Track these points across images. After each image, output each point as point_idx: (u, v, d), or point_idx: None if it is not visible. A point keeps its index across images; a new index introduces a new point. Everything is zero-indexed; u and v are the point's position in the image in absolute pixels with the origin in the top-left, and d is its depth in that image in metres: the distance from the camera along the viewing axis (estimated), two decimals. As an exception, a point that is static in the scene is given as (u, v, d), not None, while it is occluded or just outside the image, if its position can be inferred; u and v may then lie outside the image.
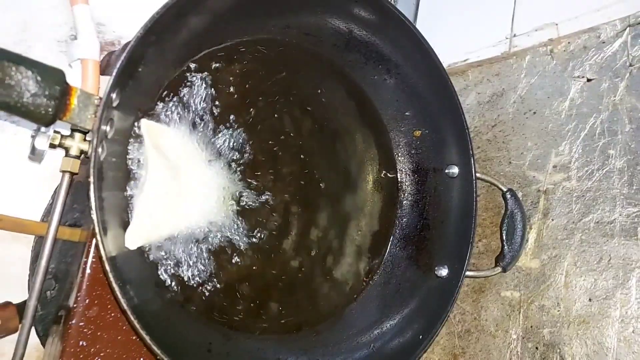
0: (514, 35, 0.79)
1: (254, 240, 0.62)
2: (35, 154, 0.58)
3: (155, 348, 0.43)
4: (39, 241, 0.70)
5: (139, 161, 0.53)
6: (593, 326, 0.61)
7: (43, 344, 0.68)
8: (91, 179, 0.41)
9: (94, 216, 0.42)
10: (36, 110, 0.39)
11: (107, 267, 0.42)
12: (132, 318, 0.43)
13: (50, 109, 0.40)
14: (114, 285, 0.42)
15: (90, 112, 0.43)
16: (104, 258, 0.42)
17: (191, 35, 0.53)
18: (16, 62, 0.38)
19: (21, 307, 0.64)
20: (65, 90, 0.41)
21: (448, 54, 0.86)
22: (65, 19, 0.72)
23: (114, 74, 0.43)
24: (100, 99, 0.43)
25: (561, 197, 0.68)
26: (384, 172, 0.75)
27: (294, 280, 0.66)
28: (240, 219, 0.61)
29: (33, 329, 0.67)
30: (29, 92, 0.38)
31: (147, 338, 0.43)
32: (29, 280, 0.70)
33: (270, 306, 0.63)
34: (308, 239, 0.68)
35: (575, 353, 0.61)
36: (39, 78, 0.39)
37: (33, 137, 0.58)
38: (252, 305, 0.62)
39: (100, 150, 0.44)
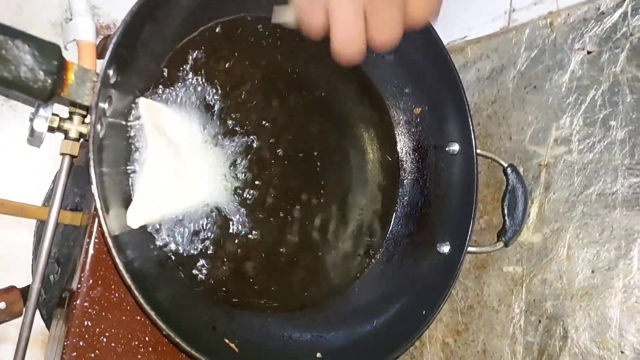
0: (513, 10, 0.78)
1: (256, 219, 0.62)
2: (34, 137, 0.58)
3: (160, 323, 0.44)
4: (41, 225, 0.70)
5: (138, 140, 0.53)
6: (596, 297, 0.61)
7: (48, 327, 0.68)
8: (91, 155, 0.41)
9: (95, 192, 0.42)
10: (34, 84, 0.39)
11: (110, 243, 0.42)
12: (136, 293, 0.43)
13: (47, 84, 0.40)
14: (117, 260, 0.42)
15: (88, 88, 0.43)
16: (106, 234, 0.42)
17: (188, 11, 0.53)
18: (12, 35, 0.37)
19: (25, 291, 0.65)
20: (62, 65, 0.41)
21: (446, 32, 0.85)
22: (59, 1, 0.71)
23: (109, 49, 0.42)
24: (97, 74, 0.42)
25: (562, 171, 0.68)
26: (384, 151, 0.75)
27: (297, 259, 0.66)
28: (242, 197, 0.61)
29: (38, 313, 0.68)
30: (26, 67, 0.38)
31: (152, 313, 0.44)
32: (32, 265, 0.70)
33: (274, 285, 0.64)
34: (310, 218, 0.68)
35: (578, 325, 0.62)
36: (35, 52, 0.38)
37: (31, 119, 0.58)
38: (255, 283, 0.62)
39: (99, 127, 0.44)
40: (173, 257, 0.54)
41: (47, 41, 0.41)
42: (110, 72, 0.44)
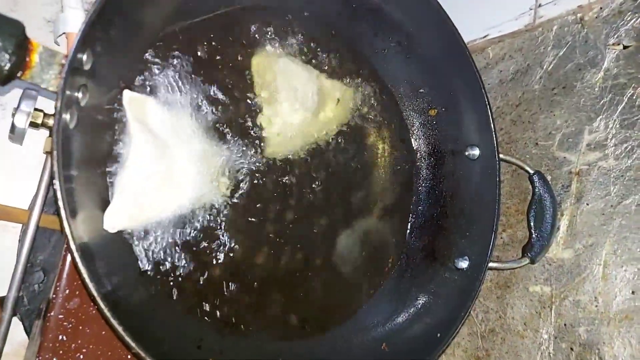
0: (539, 5, 0.72)
1: (252, 228, 0.57)
2: (15, 133, 0.54)
3: (128, 339, 0.38)
4: (24, 230, 0.66)
5: (121, 136, 0.49)
6: (638, 322, 0.53)
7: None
8: (54, 146, 0.36)
9: (57, 188, 0.37)
10: (-14, 63, 0.35)
11: (72, 245, 0.37)
12: (102, 305, 0.37)
13: (4, 63, 0.35)
14: (81, 266, 0.37)
15: (55, 72, 0.39)
16: (69, 236, 0.37)
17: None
18: (-38, 8, 0.33)
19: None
20: (23, 45, 0.37)
21: (466, 31, 0.79)
22: (55, -2, 0.68)
23: (80, 30, 0.38)
24: (67, 57, 0.38)
25: (597, 179, 0.61)
26: (396, 155, 0.69)
27: (298, 274, 0.60)
28: (236, 202, 0.55)
29: (20, 325, 0.63)
30: (-22, 43, 0.34)
31: (119, 328, 0.38)
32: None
33: (272, 302, 0.58)
34: (314, 228, 0.62)
35: (617, 354, 0.54)
36: (-11, 27, 0.34)
37: (13, 114, 0.53)
38: (250, 300, 0.56)
39: (67, 116, 0.39)
40: (156, 267, 0.49)
41: (7, 17, 0.37)
42: (84, 57, 0.40)
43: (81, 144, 0.43)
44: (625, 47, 0.62)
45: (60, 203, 0.36)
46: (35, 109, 0.54)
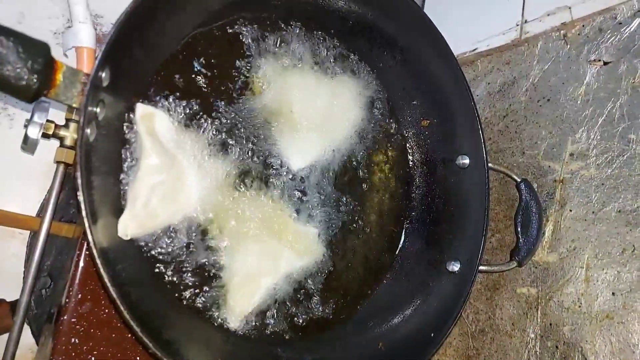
0: (525, 22, 0.76)
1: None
2: (27, 144, 0.56)
3: (147, 341, 0.41)
4: (35, 237, 0.68)
5: (133, 147, 0.51)
6: (617, 322, 0.57)
7: (39, 344, 0.65)
8: (78, 159, 0.39)
9: (80, 199, 0.39)
10: (17, 83, 0.37)
11: (95, 253, 0.39)
12: (122, 308, 0.40)
13: (32, 83, 0.38)
14: (102, 272, 0.39)
15: (77, 90, 0.41)
16: (92, 244, 0.39)
17: (185, 13, 0.51)
18: (-5, 31, 0.36)
19: (15, 305, 0.62)
20: (50, 65, 0.39)
21: (456, 44, 0.83)
22: (62, 11, 0.70)
23: (101, 50, 0.41)
24: (88, 75, 0.40)
25: (579, 187, 0.65)
26: (392, 164, 0.72)
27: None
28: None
29: (28, 328, 0.65)
30: (9, 64, 0.36)
31: (138, 330, 0.40)
32: (24, 278, 0.67)
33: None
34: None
35: (598, 351, 0.57)
36: (20, 49, 0.37)
37: (26, 126, 0.56)
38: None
39: (88, 131, 0.42)
40: (167, 271, 0.51)
41: (35, 39, 0.39)
42: (103, 75, 0.42)
43: (98, 156, 0.45)
44: (605, 63, 0.66)
45: (84, 212, 0.39)
46: (47, 120, 0.56)
